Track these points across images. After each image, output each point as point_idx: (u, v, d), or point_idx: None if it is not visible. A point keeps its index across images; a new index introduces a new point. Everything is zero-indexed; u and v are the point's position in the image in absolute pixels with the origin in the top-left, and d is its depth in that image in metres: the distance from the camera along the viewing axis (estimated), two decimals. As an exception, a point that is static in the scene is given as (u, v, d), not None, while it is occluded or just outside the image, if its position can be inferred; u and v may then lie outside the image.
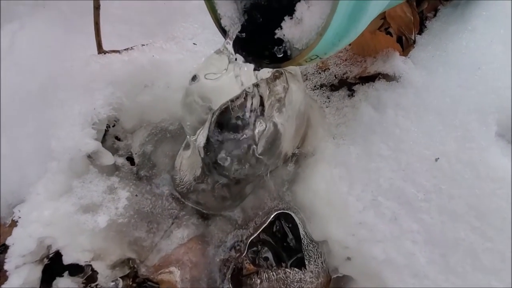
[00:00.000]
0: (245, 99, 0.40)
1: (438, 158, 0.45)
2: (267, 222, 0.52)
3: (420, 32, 0.66)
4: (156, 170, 0.54)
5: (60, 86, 0.49)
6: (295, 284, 0.49)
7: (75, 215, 0.44)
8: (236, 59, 0.39)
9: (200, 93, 0.43)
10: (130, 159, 0.57)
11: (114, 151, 0.56)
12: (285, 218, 0.57)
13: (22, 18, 0.66)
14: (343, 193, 0.47)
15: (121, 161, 0.55)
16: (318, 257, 0.52)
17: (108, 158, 0.49)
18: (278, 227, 0.56)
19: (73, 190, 0.45)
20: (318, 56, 0.34)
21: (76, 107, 0.47)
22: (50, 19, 0.63)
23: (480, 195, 0.42)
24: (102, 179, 0.48)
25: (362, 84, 0.61)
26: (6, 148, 0.49)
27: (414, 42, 0.64)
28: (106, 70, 0.49)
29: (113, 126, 0.57)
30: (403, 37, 0.65)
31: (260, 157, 0.46)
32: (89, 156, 0.49)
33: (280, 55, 0.35)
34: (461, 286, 0.39)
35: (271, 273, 0.51)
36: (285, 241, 0.56)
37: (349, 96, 0.62)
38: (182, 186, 0.51)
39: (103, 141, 0.56)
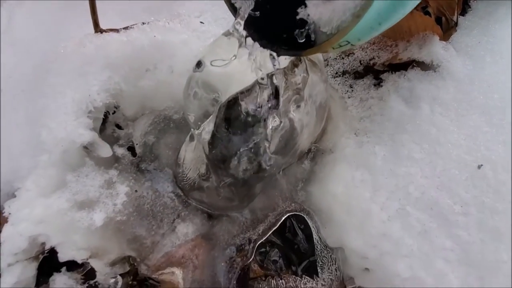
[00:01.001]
0: (258, 91, 0.34)
1: (482, 165, 0.39)
2: (277, 225, 0.47)
3: (463, 13, 0.57)
4: (158, 163, 0.49)
5: (52, 70, 0.45)
6: (306, 293, 0.46)
7: (69, 212, 0.40)
8: (247, 43, 0.33)
9: (206, 82, 0.37)
10: (132, 149, 0.53)
11: (114, 140, 0.52)
12: (297, 218, 0.52)
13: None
14: (365, 199, 0.42)
15: (121, 151, 0.51)
16: (332, 264, 0.47)
17: (105, 150, 0.45)
18: (289, 227, 0.52)
19: (67, 185, 0.41)
20: (349, 43, 0.28)
21: (69, 93, 0.42)
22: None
23: (530, 212, 0.36)
24: (99, 172, 0.44)
25: (392, 73, 0.53)
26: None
27: (456, 24, 0.55)
28: (102, 51, 0.44)
29: (113, 113, 0.52)
30: (443, 19, 0.56)
31: (273, 156, 0.40)
32: (85, 147, 0.45)
33: (302, 40, 0.28)
34: (500, 317, 0.34)
35: (280, 281, 0.47)
36: (295, 243, 0.51)
37: (375, 85, 0.55)
38: (185, 182, 0.46)
39: (103, 129, 0.51)
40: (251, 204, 0.48)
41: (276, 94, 0.36)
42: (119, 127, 0.54)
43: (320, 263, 0.47)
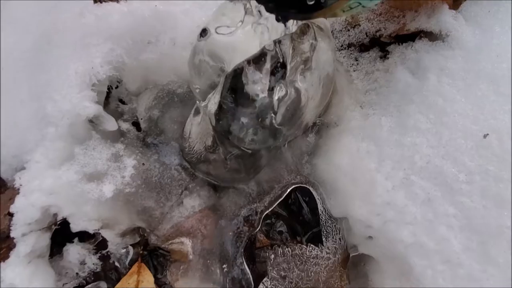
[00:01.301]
0: (264, 59, 0.34)
1: (487, 134, 0.39)
2: (283, 196, 0.48)
3: (473, -20, 0.55)
4: (164, 137, 0.49)
5: (53, 42, 0.44)
6: (311, 260, 0.47)
7: (79, 183, 0.41)
8: (254, 9, 0.32)
9: (211, 51, 0.37)
10: (136, 124, 0.53)
11: (119, 115, 0.52)
12: (301, 191, 0.53)
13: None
14: (370, 170, 0.42)
15: (126, 126, 0.51)
16: (336, 234, 0.49)
17: (111, 124, 0.45)
18: (294, 200, 0.53)
19: (75, 158, 0.42)
20: (360, 4, 0.27)
21: (71, 66, 0.42)
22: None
23: (534, 179, 0.36)
24: (106, 146, 0.45)
25: (399, 44, 0.52)
26: (1, 111, 0.45)
27: (466, -7, 0.53)
28: (103, 22, 0.43)
29: (116, 88, 0.52)
30: (452, -13, 0.54)
31: (279, 127, 0.40)
32: (90, 121, 0.45)
33: (311, 2, 0.28)
34: (500, 278, 0.35)
35: (286, 249, 0.48)
36: (300, 215, 0.53)
37: (381, 58, 0.54)
38: (192, 155, 0.47)
39: (106, 103, 0.51)
40: (257, 176, 0.49)
41: (283, 62, 0.36)
42: (122, 102, 0.54)
43: (325, 232, 0.49)
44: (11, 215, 0.45)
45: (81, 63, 0.42)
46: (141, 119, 0.51)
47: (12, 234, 0.39)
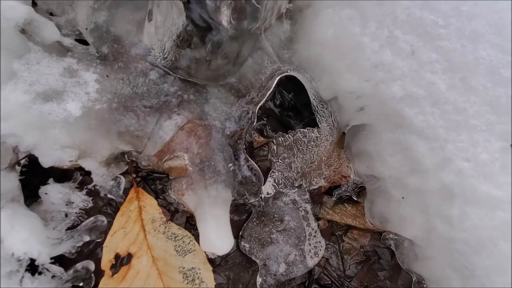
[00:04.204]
0: None
1: (459, -25, 0.39)
2: (272, 87, 0.46)
3: None
4: (123, 43, 0.41)
5: None
6: (312, 143, 0.48)
7: (33, 105, 0.33)
8: None
9: None
10: (81, 41, 0.43)
11: (55, 30, 0.42)
12: (285, 88, 0.52)
13: None
14: (355, 35, 0.41)
15: (69, 41, 0.41)
16: (329, 116, 0.49)
17: (49, 29, 0.35)
18: (280, 97, 0.52)
19: (18, 75, 0.33)
20: None
21: None
22: None
23: (500, 10, 0.39)
24: (53, 59, 0.36)
25: None
26: None
27: None
28: None
29: (40, -5, 0.41)
30: None
31: (258, 6, 0.36)
32: (24, 31, 0.35)
33: None
34: (480, 103, 0.39)
35: (287, 135, 0.48)
36: (290, 109, 0.52)
37: None
38: (166, 59, 0.41)
39: (34, 18, 0.40)
40: (242, 71, 0.45)
41: None
42: (53, 15, 0.43)
43: (318, 117, 0.49)
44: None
45: None
46: (86, 29, 0.42)
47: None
